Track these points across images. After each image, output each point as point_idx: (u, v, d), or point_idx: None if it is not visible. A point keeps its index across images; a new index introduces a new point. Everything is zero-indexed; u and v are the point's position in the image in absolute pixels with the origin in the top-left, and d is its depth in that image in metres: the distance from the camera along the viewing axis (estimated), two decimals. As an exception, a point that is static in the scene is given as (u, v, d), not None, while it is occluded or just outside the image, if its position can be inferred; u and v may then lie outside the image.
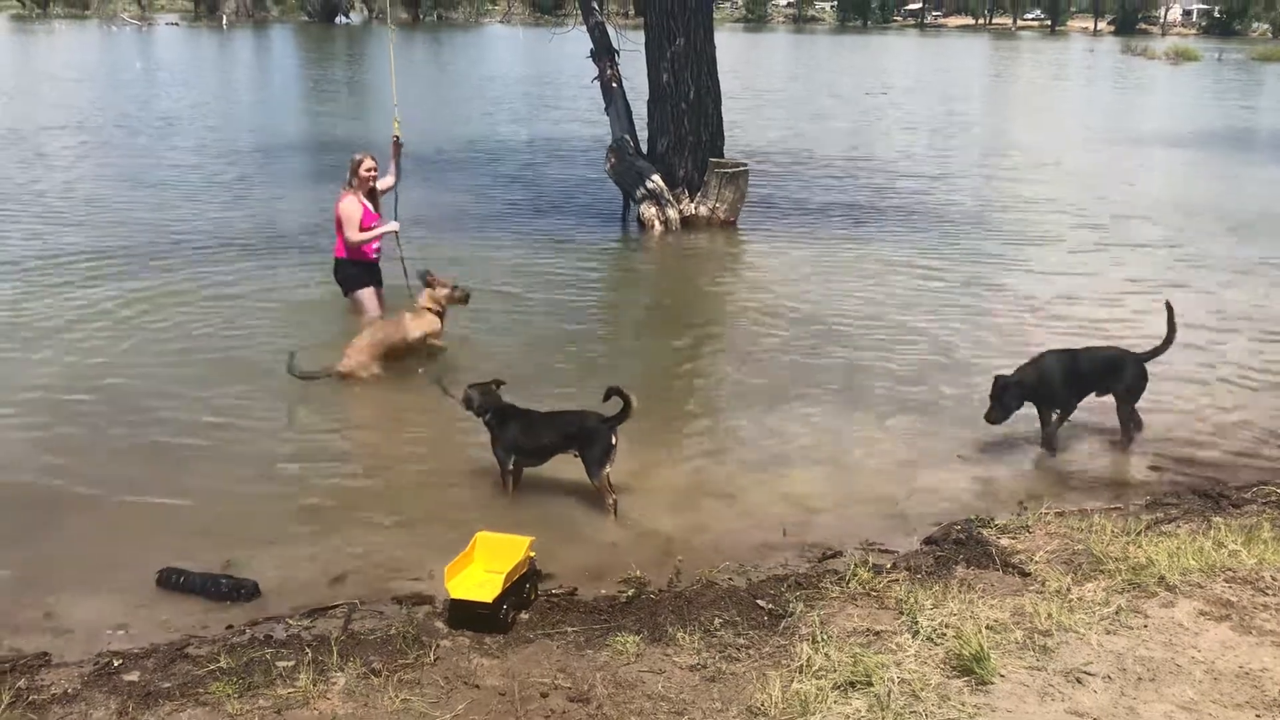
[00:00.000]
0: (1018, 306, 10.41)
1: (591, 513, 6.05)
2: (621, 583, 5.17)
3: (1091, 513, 5.94)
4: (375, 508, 6.11)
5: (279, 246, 12.19)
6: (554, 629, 4.68)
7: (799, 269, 11.98)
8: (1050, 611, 4.64)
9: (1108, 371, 7.14)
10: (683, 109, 14.20)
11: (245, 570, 5.26)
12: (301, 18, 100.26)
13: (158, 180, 16.53)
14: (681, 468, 6.79)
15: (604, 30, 14.86)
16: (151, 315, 9.55)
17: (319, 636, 4.61)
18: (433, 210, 14.19)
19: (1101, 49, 79.45)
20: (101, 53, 52.65)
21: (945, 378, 8.43)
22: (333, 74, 42.75)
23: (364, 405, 8.10)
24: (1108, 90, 42.83)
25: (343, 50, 59.28)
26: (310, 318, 9.63)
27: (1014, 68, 58.48)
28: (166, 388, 7.85)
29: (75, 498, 6.15)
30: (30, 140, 20.44)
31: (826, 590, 4.99)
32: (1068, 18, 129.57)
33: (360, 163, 9.06)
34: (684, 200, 14.15)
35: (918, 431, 7.36)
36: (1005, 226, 14.31)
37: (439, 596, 4.92)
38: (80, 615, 4.90)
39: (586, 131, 22.77)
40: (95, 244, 12.00)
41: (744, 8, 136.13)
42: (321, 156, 18.99)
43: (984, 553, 5.35)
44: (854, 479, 6.62)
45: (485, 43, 74.27)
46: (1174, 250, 12.96)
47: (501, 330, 9.60)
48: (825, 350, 9.05)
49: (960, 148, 22.80)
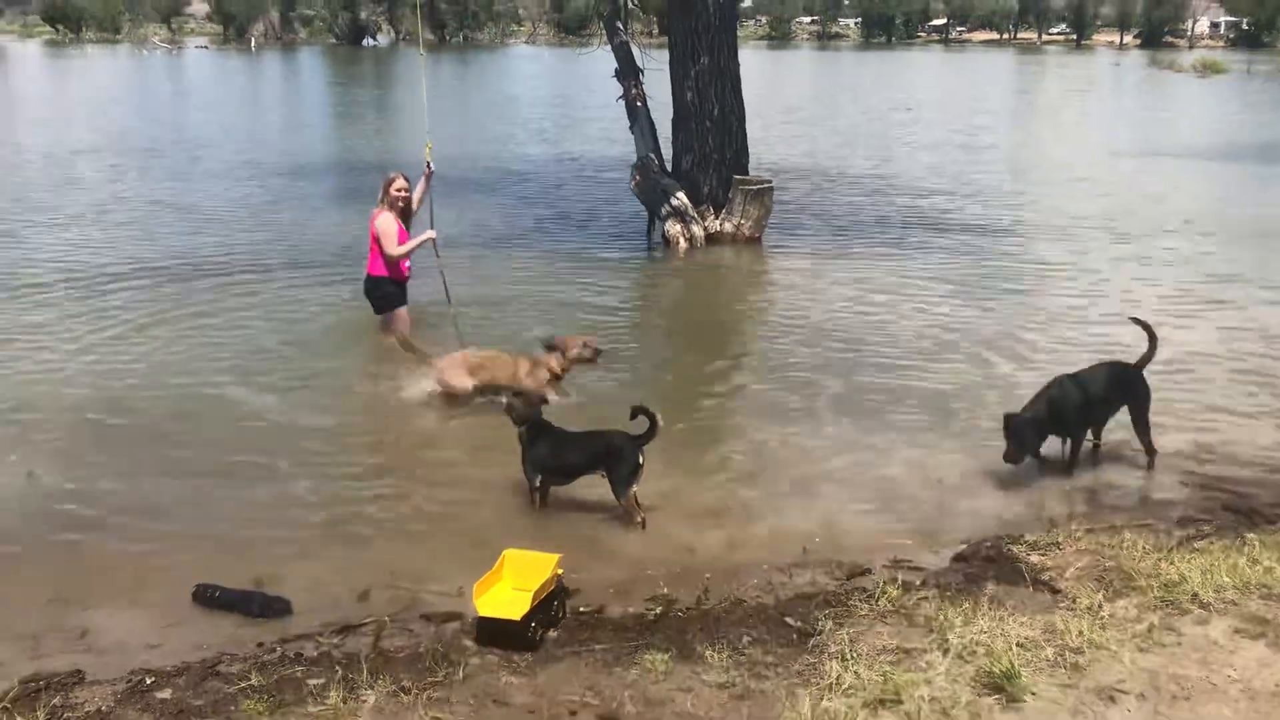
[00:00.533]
0: (1049, 323, 10.33)
1: (619, 530, 6.06)
2: (649, 600, 5.16)
3: (1122, 529, 5.89)
4: (404, 525, 6.15)
5: (308, 267, 12.29)
6: (582, 646, 4.68)
7: (824, 285, 11.96)
8: (1082, 629, 4.60)
9: (1120, 388, 7.02)
10: (707, 127, 14.24)
11: (276, 588, 5.30)
12: (329, 40, 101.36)
13: (188, 203, 16.71)
14: (709, 485, 6.78)
15: (628, 50, 14.94)
16: (183, 336, 9.65)
17: (349, 654, 4.63)
18: (459, 229, 14.27)
19: (1128, 62, 79.07)
20: (133, 76, 53.33)
21: (973, 394, 8.39)
22: (361, 96, 43.14)
23: (393, 423, 8.14)
24: (1136, 104, 42.62)
25: (370, 72, 59.88)
26: (340, 337, 9.70)
27: (1041, 82, 58.30)
28: (197, 407, 7.92)
29: (107, 516, 6.21)
30: (63, 163, 20.70)
31: (855, 608, 4.97)
32: (1093, 31, 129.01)
33: (392, 181, 9.17)
34: (709, 217, 14.18)
35: (946, 448, 7.32)
36: (1036, 242, 14.24)
37: (468, 614, 4.93)
38: (113, 633, 4.94)
39: (611, 150, 22.86)
40: (125, 266, 12.11)
41: (768, 25, 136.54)
42: (350, 178, 19.17)
43: (1014, 569, 5.32)
44: (882, 496, 6.59)
45: (511, 63, 74.68)
46: (1209, 266, 12.81)
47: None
48: (852, 366, 9.03)
49: (987, 163, 22.69)
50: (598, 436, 6.28)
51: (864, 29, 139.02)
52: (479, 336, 9.15)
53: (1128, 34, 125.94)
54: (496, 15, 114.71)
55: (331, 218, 15.46)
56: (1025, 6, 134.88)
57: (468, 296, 10.41)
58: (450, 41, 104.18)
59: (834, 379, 8.73)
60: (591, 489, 6.34)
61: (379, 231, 9.12)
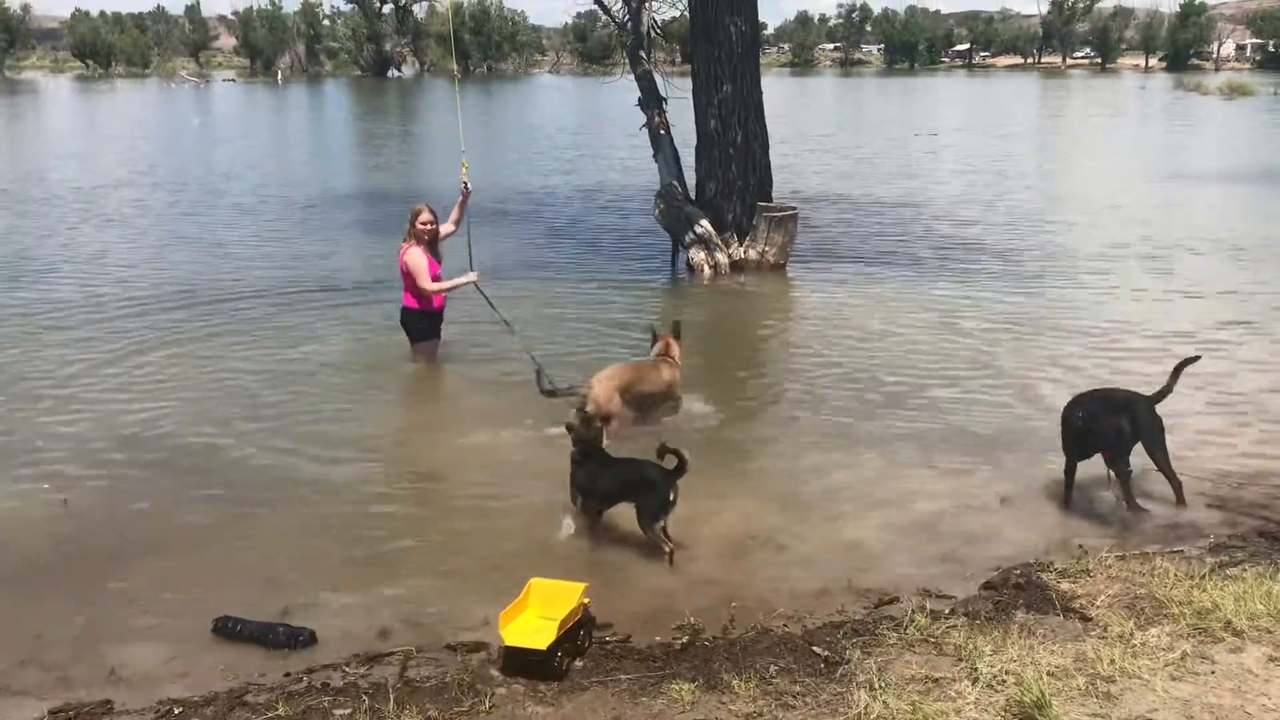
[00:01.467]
0: (1079, 349, 10.26)
1: (645, 559, 6.04)
2: (676, 630, 5.14)
3: (1153, 556, 5.82)
4: (430, 555, 6.15)
5: (335, 298, 12.40)
6: (608, 676, 4.67)
7: (850, 311, 11.95)
8: (1113, 657, 4.55)
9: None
10: (730, 154, 14.29)
11: (302, 618, 5.31)
12: (355, 72, 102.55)
13: (215, 237, 16.89)
14: (734, 514, 6.75)
15: (651, 79, 15.04)
16: (206, 367, 9.73)
17: (375, 684, 4.63)
18: (485, 258, 14.33)
19: (1153, 86, 78.89)
20: (161, 110, 54.05)
21: (1001, 422, 8.34)
22: (387, 127, 43.51)
23: (419, 452, 8.18)
24: (1163, 127, 42.46)
25: (395, 103, 60.42)
26: (367, 366, 9.76)
27: (1066, 106, 58.21)
28: (222, 440, 7.97)
29: (135, 547, 6.25)
30: (90, 197, 20.97)
31: (884, 637, 4.93)
32: (1118, 55, 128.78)
33: (418, 214, 9.25)
34: (733, 245, 14.20)
35: (974, 475, 7.28)
36: (1064, 268, 14.16)
37: (494, 644, 4.92)
38: (141, 663, 4.96)
39: (635, 179, 22.97)
40: (152, 299, 12.24)
41: (790, 52, 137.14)
42: (377, 208, 19.33)
43: (1044, 597, 5.26)
44: (910, 524, 6.54)
45: (535, 93, 75.31)
46: (1245, 289, 12.71)
47: (556, 379, 9.66)
48: (877, 393, 9.00)
49: (1015, 189, 22.60)
50: (633, 466, 6.28)
51: (886, 55, 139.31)
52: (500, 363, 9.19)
53: (1152, 57, 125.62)
54: (520, 46, 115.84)
55: (357, 248, 15.59)
56: (1049, 31, 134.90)
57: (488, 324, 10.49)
58: (474, 72, 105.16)
59: (860, 406, 8.70)
60: (618, 518, 6.33)
61: (410, 268, 9.20)
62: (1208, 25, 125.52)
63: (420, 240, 9.23)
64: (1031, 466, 7.40)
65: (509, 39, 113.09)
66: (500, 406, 8.73)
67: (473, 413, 8.69)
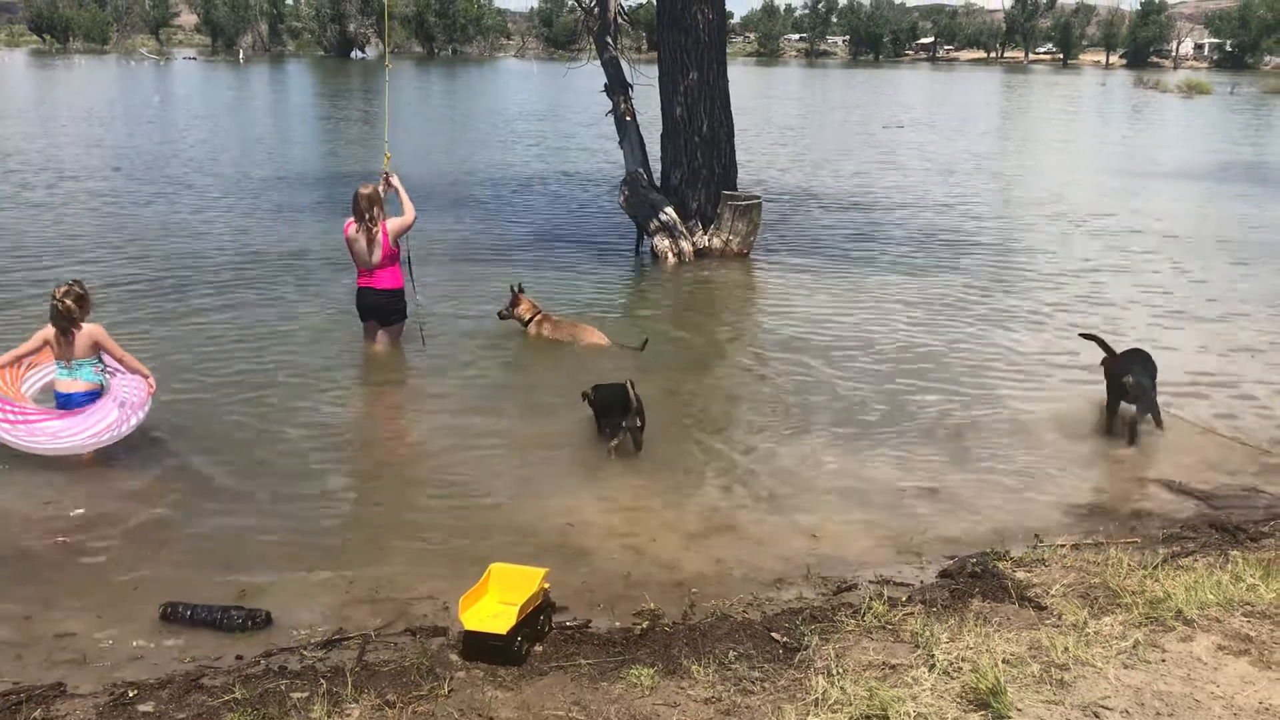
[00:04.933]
0: (1037, 338, 10.41)
1: (606, 545, 6.05)
2: (635, 615, 5.16)
3: (1108, 546, 5.91)
4: (389, 538, 6.11)
5: (298, 277, 12.29)
6: (568, 661, 4.67)
7: (812, 301, 12.00)
8: (1067, 645, 4.61)
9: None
10: (696, 142, 14.29)
11: (259, 600, 5.26)
12: (317, 52, 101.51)
13: (177, 218, 16.64)
14: (694, 501, 6.77)
15: (618, 65, 14.98)
16: (171, 347, 9.59)
17: (334, 668, 4.61)
18: (446, 243, 14.30)
19: (1114, 82, 79.73)
20: (120, 87, 53.24)
21: (959, 410, 8.42)
22: (347, 108, 43.11)
23: (378, 434, 8.14)
24: (1122, 123, 42.94)
25: (359, 84, 59.87)
26: (323, 347, 9.68)
27: (1028, 101, 58.73)
28: (178, 419, 7.87)
29: (88, 527, 6.17)
30: (50, 173, 20.61)
31: (841, 623, 4.97)
32: (1079, 51, 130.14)
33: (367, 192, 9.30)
34: (697, 233, 14.22)
35: (932, 464, 7.35)
36: (1025, 258, 14.37)
37: (453, 628, 4.92)
38: (94, 645, 4.90)
39: (600, 165, 22.92)
40: (111, 279, 12.04)
41: (756, 42, 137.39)
42: (336, 188, 19.15)
43: (999, 586, 5.33)
44: (868, 512, 6.59)
45: (499, 77, 74.89)
46: (1203, 284, 12.97)
47: (512, 362, 9.65)
48: (838, 382, 9.05)
49: (979, 181, 22.84)
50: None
51: (851, 47, 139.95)
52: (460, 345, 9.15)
53: (1113, 54, 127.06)
54: (485, 29, 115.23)
55: (316, 229, 15.43)
56: (1012, 26, 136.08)
57: (448, 308, 10.49)
58: (439, 55, 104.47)
59: (820, 394, 8.75)
60: (579, 503, 6.33)
61: (397, 228, 9.30)
62: (1167, 24, 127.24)
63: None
64: (988, 456, 7.49)
65: (474, 22, 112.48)
66: (463, 390, 8.70)
67: (435, 396, 8.66)
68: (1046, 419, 8.25)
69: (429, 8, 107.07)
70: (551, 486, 6.87)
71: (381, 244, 9.20)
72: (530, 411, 8.24)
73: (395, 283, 9.43)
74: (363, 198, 9.16)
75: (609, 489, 6.87)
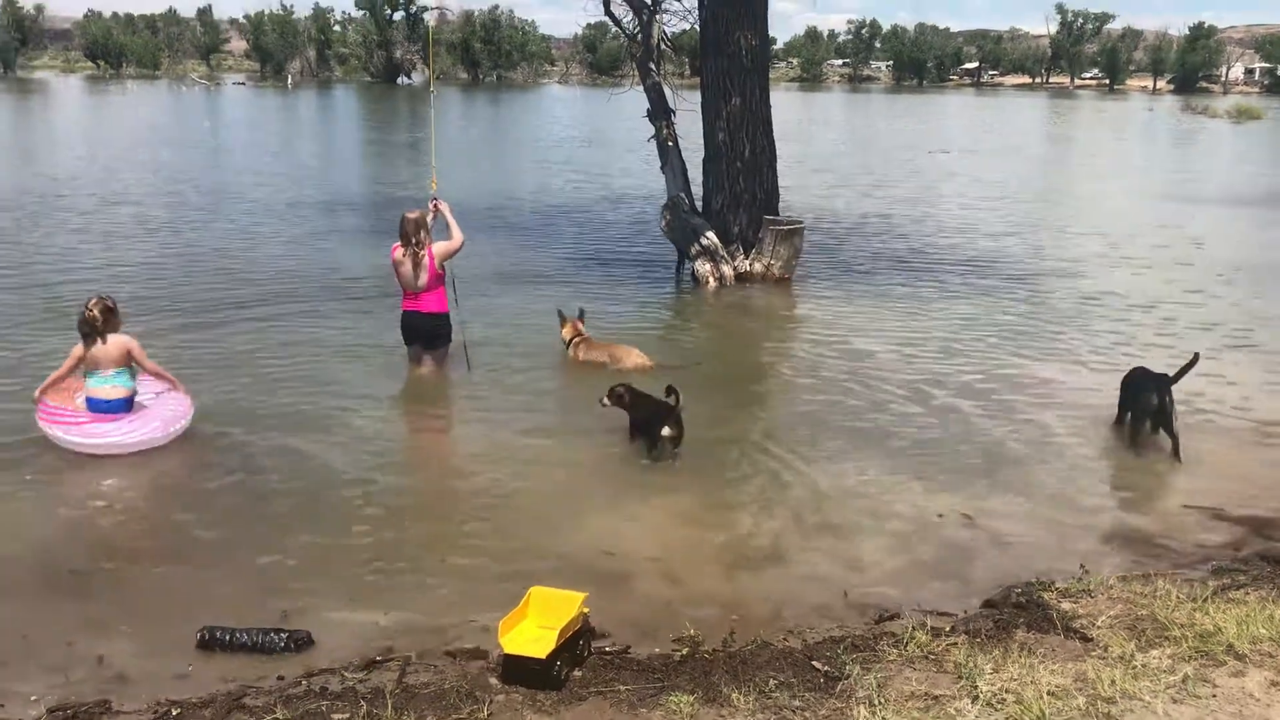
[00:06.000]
0: (1085, 366, 10.27)
1: (646, 570, 6.03)
2: (675, 641, 5.13)
3: (1155, 577, 5.80)
4: (430, 561, 6.14)
5: (344, 301, 12.42)
6: (607, 687, 4.65)
7: (855, 327, 11.94)
8: (1114, 678, 4.53)
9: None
10: (738, 167, 14.31)
11: (300, 621, 5.29)
12: (364, 78, 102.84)
13: (227, 241, 16.90)
14: (733, 526, 6.74)
15: (660, 91, 15.05)
16: (210, 365, 9.72)
17: (374, 689, 4.62)
18: (489, 266, 14.38)
19: (1161, 107, 79.02)
20: (172, 112, 54.19)
21: (1003, 439, 8.33)
22: (395, 133, 43.58)
23: (421, 456, 8.19)
24: (1171, 148, 42.48)
25: (404, 109, 60.55)
26: (372, 373, 9.75)
27: (1075, 126, 58.28)
28: (222, 440, 7.96)
29: (136, 548, 6.27)
30: (102, 200, 20.97)
31: (884, 653, 4.92)
32: (1126, 76, 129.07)
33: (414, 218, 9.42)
34: (738, 257, 14.21)
35: (975, 492, 7.26)
36: (1074, 286, 14.18)
37: (493, 652, 4.91)
38: (140, 664, 4.95)
39: (641, 190, 23.00)
40: (160, 302, 12.21)
41: (799, 67, 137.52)
42: (384, 212, 19.35)
43: (1044, 616, 5.25)
44: (910, 539, 6.53)
45: (543, 103, 75.45)
46: (1253, 311, 12.77)
47: (554, 386, 9.68)
48: (883, 410, 8.98)
49: (1023, 208, 22.64)
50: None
51: (895, 72, 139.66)
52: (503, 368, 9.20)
53: (1160, 79, 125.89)
54: (530, 55, 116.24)
55: (364, 253, 15.60)
56: (1058, 51, 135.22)
57: (492, 331, 10.56)
58: (484, 81, 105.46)
59: (863, 422, 8.69)
60: (620, 528, 6.32)
61: (443, 252, 9.38)
62: (1216, 48, 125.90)
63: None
64: (1029, 484, 7.40)
65: (519, 48, 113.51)
66: (505, 413, 8.73)
67: (478, 419, 8.69)
68: (1089, 448, 8.15)
69: (474, 34, 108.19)
70: (591, 510, 6.87)
71: (428, 268, 9.29)
72: (571, 435, 8.25)
73: (441, 306, 9.51)
74: (409, 222, 9.27)
75: (648, 513, 6.86)
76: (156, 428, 7.64)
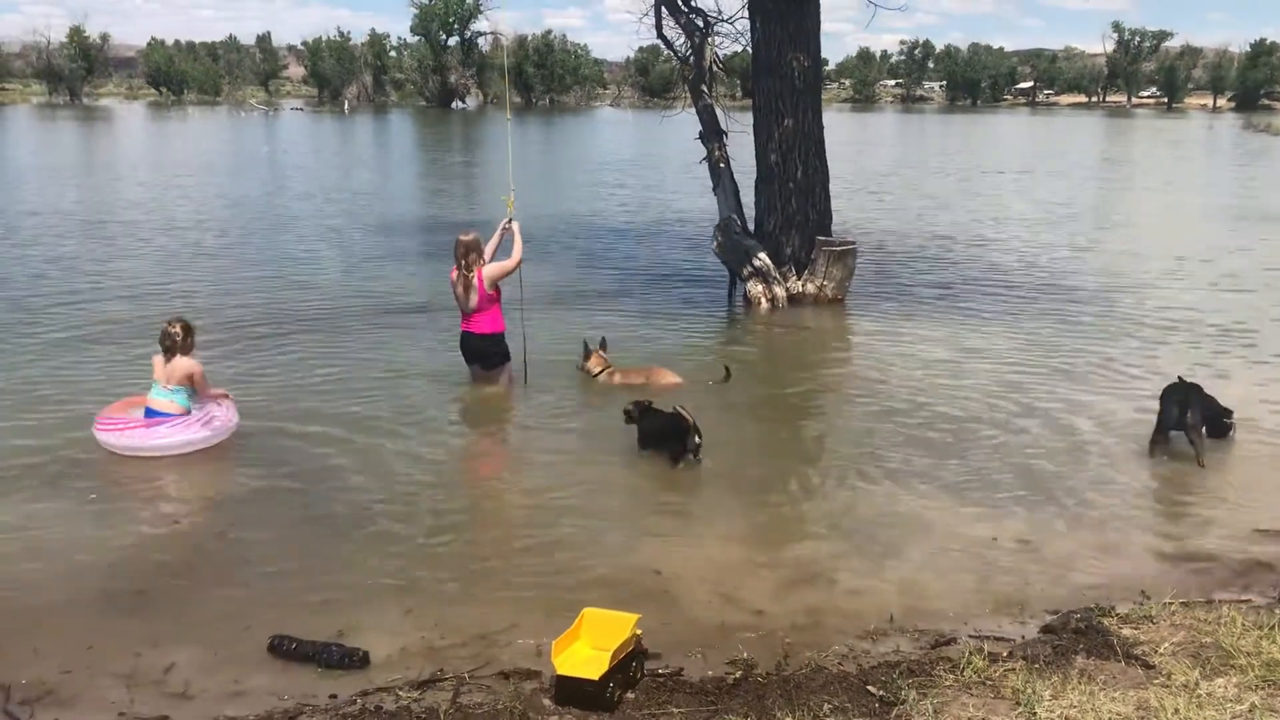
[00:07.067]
0: (1135, 391, 10.08)
1: (697, 592, 6.01)
2: (729, 664, 5.11)
3: (1219, 604, 5.68)
4: (485, 580, 6.17)
5: (407, 320, 12.56)
6: (660, 709, 4.64)
7: (907, 349, 11.85)
8: (1177, 707, 4.44)
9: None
10: (790, 189, 14.29)
11: (356, 639, 5.34)
12: (419, 103, 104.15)
13: (288, 264, 17.18)
14: (786, 548, 6.70)
15: (712, 113, 15.09)
16: (271, 385, 9.87)
17: (428, 709, 4.64)
18: (542, 287, 14.45)
19: (1222, 126, 77.77)
20: (232, 137, 55.21)
21: (1062, 461, 8.21)
22: (451, 157, 44.07)
23: (477, 475, 8.24)
24: (1233, 167, 41.77)
25: (459, 135, 61.21)
26: (428, 392, 9.84)
27: (1133, 145, 57.51)
28: (282, 459, 8.07)
29: (195, 565, 6.35)
30: (163, 221, 21.42)
31: (940, 678, 4.86)
32: (1185, 94, 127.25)
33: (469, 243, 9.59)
34: (791, 278, 14.17)
35: (1032, 517, 7.16)
36: (1132, 309, 13.90)
37: (546, 673, 4.92)
38: (199, 679, 5.02)
39: (694, 211, 23.03)
40: (222, 323, 12.41)
41: (851, 88, 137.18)
42: (441, 235, 19.56)
43: (1105, 643, 5.15)
44: (967, 564, 6.45)
45: (596, 125, 75.91)
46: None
47: (606, 407, 9.70)
48: (937, 432, 8.90)
49: (1080, 228, 22.28)
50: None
51: (948, 92, 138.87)
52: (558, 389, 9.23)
53: (1221, 97, 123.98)
54: (583, 79, 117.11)
55: (423, 272, 15.79)
56: (1115, 70, 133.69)
57: (548, 351, 10.62)
58: (537, 104, 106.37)
59: (917, 444, 8.61)
60: (671, 549, 6.31)
61: (495, 273, 9.48)
62: (1279, 65, 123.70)
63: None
64: (1087, 507, 7.29)
65: (571, 72, 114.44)
66: (558, 434, 8.77)
67: (532, 439, 8.74)
68: (1150, 472, 8.02)
69: (527, 59, 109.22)
70: (643, 531, 6.87)
71: (477, 289, 9.38)
72: (623, 455, 8.26)
73: (494, 327, 9.59)
74: (460, 244, 9.40)
75: (700, 535, 6.84)
76: (196, 429, 8.17)
